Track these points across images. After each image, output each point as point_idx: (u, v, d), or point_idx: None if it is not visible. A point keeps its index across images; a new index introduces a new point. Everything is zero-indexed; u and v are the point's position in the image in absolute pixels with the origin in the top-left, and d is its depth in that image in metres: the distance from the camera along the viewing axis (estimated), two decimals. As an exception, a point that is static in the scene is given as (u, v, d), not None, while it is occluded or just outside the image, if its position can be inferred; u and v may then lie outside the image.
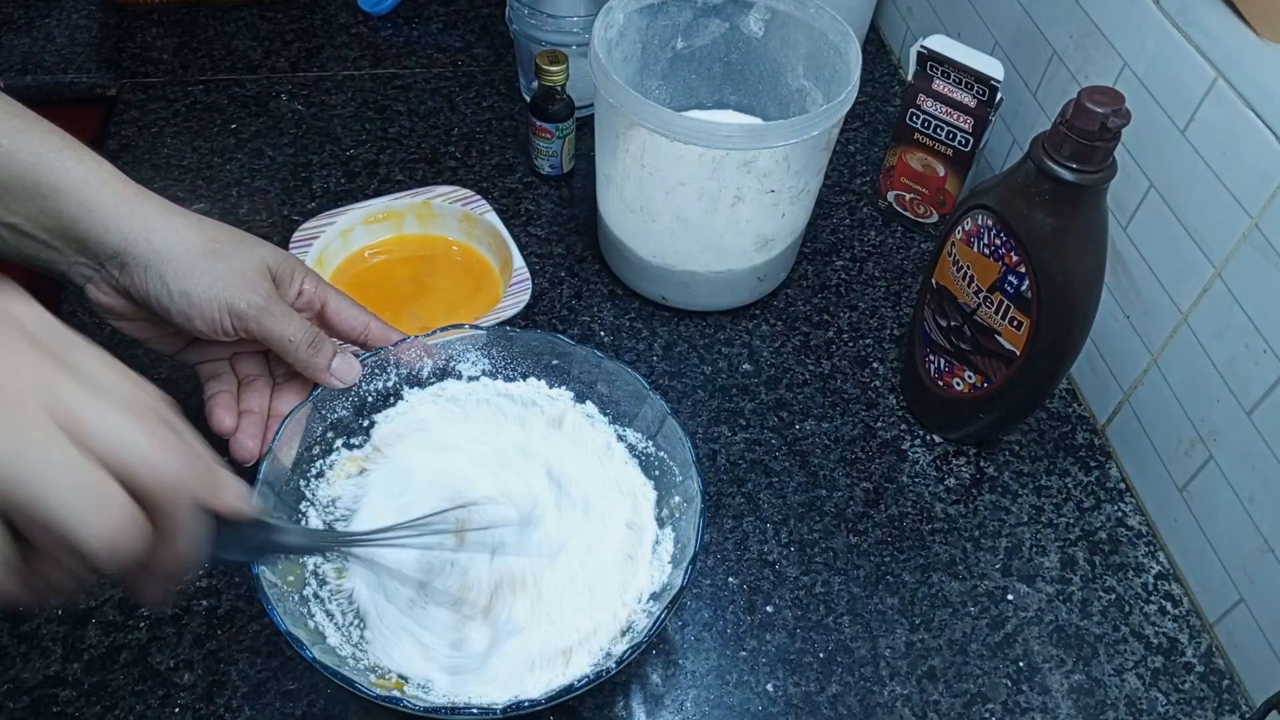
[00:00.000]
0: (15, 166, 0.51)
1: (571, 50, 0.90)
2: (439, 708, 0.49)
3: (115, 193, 0.54)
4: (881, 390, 0.78)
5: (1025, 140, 0.86)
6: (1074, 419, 0.78)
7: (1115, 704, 0.62)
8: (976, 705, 0.61)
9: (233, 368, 0.62)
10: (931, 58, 0.80)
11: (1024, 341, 0.65)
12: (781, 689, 0.61)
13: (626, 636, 0.54)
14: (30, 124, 0.53)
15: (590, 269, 0.85)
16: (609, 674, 0.50)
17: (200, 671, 0.58)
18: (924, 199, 0.89)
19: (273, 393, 0.63)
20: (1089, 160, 0.57)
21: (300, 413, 0.58)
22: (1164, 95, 0.68)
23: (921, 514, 0.71)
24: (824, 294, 0.85)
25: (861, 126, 1.02)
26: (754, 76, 0.86)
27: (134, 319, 0.58)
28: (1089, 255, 0.62)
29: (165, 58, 1.01)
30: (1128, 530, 0.72)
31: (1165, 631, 0.66)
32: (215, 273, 0.55)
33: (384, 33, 1.07)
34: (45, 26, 1.00)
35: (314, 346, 0.59)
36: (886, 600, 0.66)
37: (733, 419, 0.75)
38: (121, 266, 0.54)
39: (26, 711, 0.56)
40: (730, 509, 0.70)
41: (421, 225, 0.83)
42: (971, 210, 0.65)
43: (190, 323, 0.56)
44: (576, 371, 0.64)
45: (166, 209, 0.56)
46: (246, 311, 0.56)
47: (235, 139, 0.93)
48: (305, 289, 0.61)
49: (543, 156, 0.91)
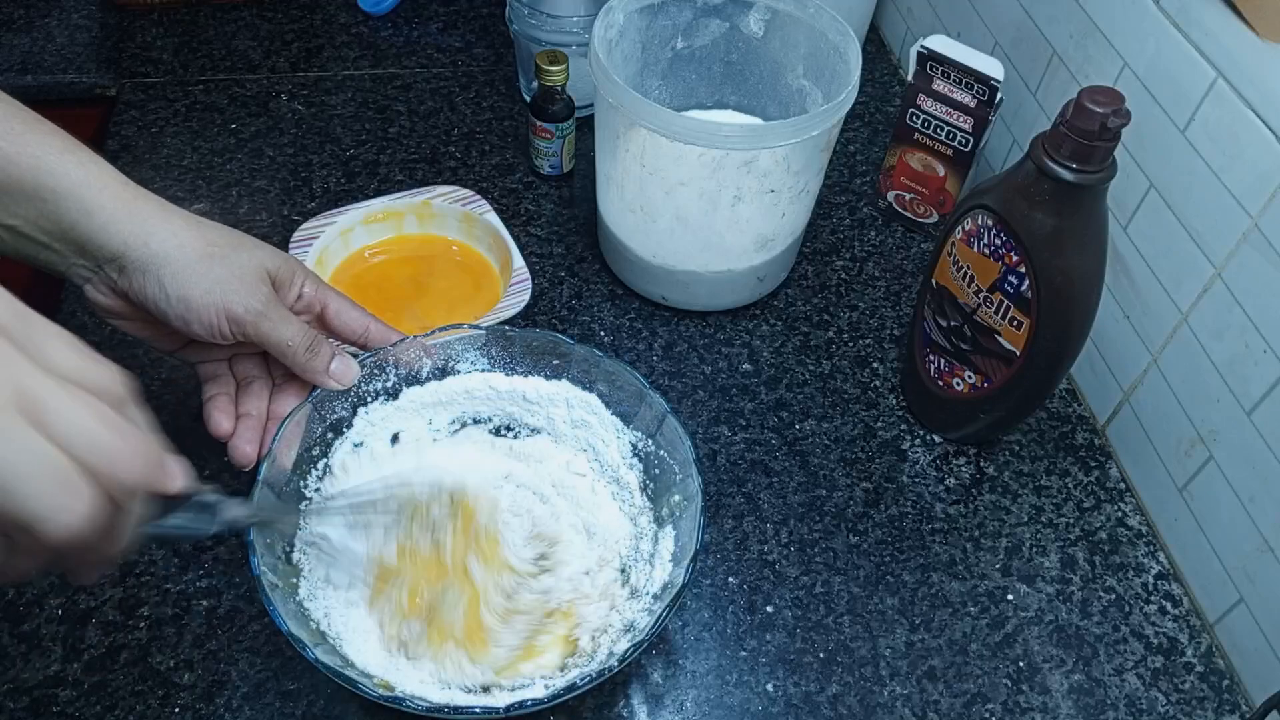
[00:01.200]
0: (15, 170, 0.51)
1: (571, 50, 0.90)
2: (440, 707, 0.49)
3: (114, 196, 0.54)
4: (881, 390, 0.78)
5: (1025, 140, 0.86)
6: (1074, 419, 0.78)
7: (1115, 704, 0.62)
8: (976, 705, 0.61)
9: (231, 369, 0.62)
10: (931, 58, 0.80)
11: (1024, 341, 0.65)
12: (781, 689, 0.61)
13: (628, 635, 0.54)
14: (31, 126, 0.53)
15: (590, 269, 0.85)
16: (611, 672, 0.50)
17: (200, 671, 0.58)
18: (924, 199, 0.89)
19: (272, 394, 0.63)
20: (1089, 160, 0.57)
21: (300, 414, 0.58)
22: (1164, 95, 0.68)
23: (921, 514, 0.71)
24: (824, 294, 0.85)
25: (861, 126, 1.02)
26: (754, 76, 0.86)
27: (133, 319, 0.58)
28: (1089, 255, 0.62)
29: (165, 58, 1.01)
30: (1128, 530, 0.72)
31: (1165, 631, 0.66)
32: (213, 277, 0.55)
33: (384, 33, 1.07)
34: (45, 26, 1.00)
35: (311, 350, 0.59)
36: (886, 600, 0.66)
37: (733, 419, 0.75)
38: (120, 269, 0.54)
39: (26, 711, 0.56)
40: (730, 509, 0.70)
41: (421, 225, 0.83)
42: (971, 210, 0.65)
43: (187, 326, 0.56)
44: (576, 371, 0.64)
45: (166, 212, 0.56)
46: (243, 316, 0.56)
47: (235, 139, 0.93)
48: (305, 292, 0.61)
49: (543, 156, 0.91)
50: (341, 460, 0.61)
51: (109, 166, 0.55)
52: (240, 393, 0.62)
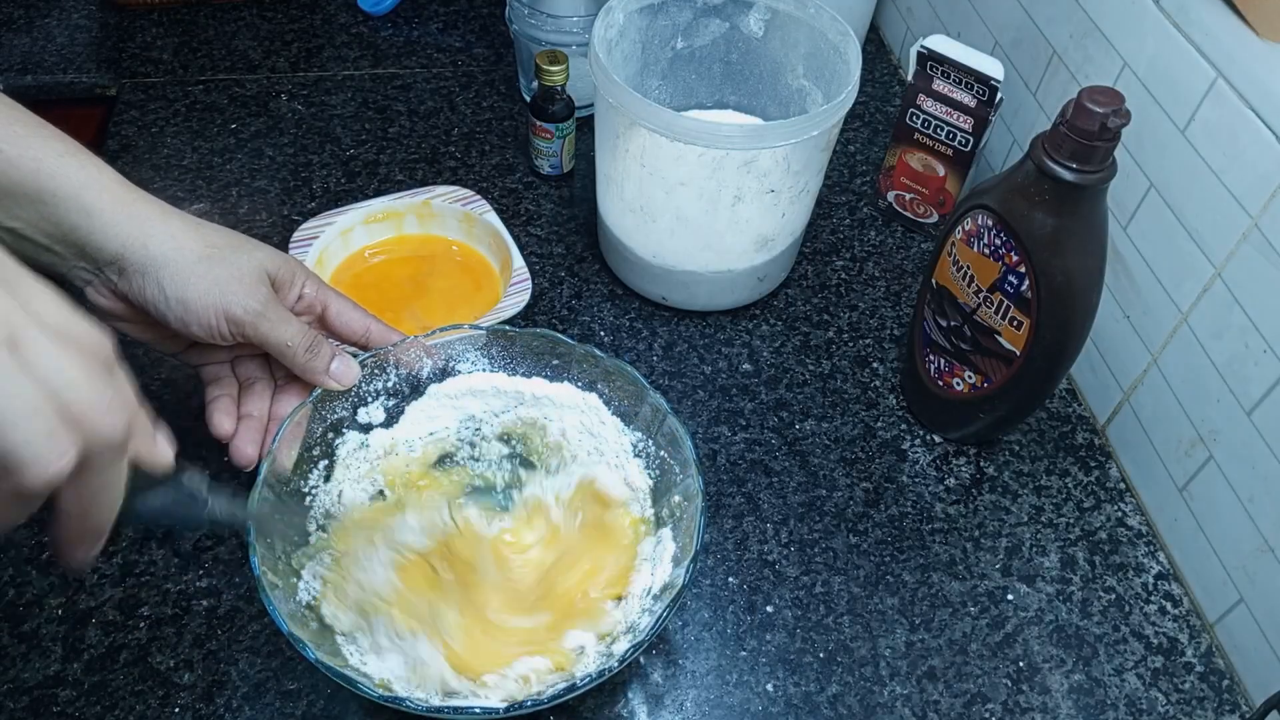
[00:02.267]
0: (15, 173, 0.51)
1: (571, 50, 0.90)
2: (441, 708, 0.49)
3: (114, 198, 0.54)
4: (881, 390, 0.78)
5: (1025, 140, 0.86)
6: (1074, 419, 0.78)
7: (1115, 704, 0.62)
8: (976, 705, 0.61)
9: (233, 370, 0.62)
10: (931, 58, 0.80)
11: (1024, 341, 0.65)
12: (781, 689, 0.61)
13: (628, 635, 0.54)
14: (32, 129, 0.53)
15: (590, 269, 0.85)
16: (611, 672, 0.50)
17: (200, 671, 0.58)
18: (924, 199, 0.89)
19: (274, 395, 0.63)
20: (1089, 160, 0.57)
21: (300, 414, 0.58)
22: (1164, 95, 0.68)
23: (921, 514, 0.71)
24: (824, 294, 0.85)
25: (861, 126, 1.02)
26: (754, 76, 0.86)
27: (134, 321, 0.58)
28: (1089, 255, 0.62)
29: (165, 58, 1.01)
30: (1128, 530, 0.72)
31: (1165, 631, 0.66)
32: (212, 278, 0.55)
33: (384, 33, 1.07)
34: (45, 26, 1.00)
35: (311, 350, 0.59)
36: (886, 600, 0.66)
37: (733, 419, 0.75)
38: (120, 272, 0.55)
39: (26, 711, 0.56)
40: (730, 509, 0.70)
41: (421, 225, 0.83)
42: (971, 210, 0.65)
43: (187, 328, 0.56)
44: (576, 370, 0.64)
45: (165, 214, 0.56)
46: (243, 318, 0.56)
47: (235, 139, 0.93)
48: (306, 293, 0.61)
49: (543, 156, 0.91)
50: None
51: (109, 169, 0.55)
52: (242, 394, 0.62)
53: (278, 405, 0.62)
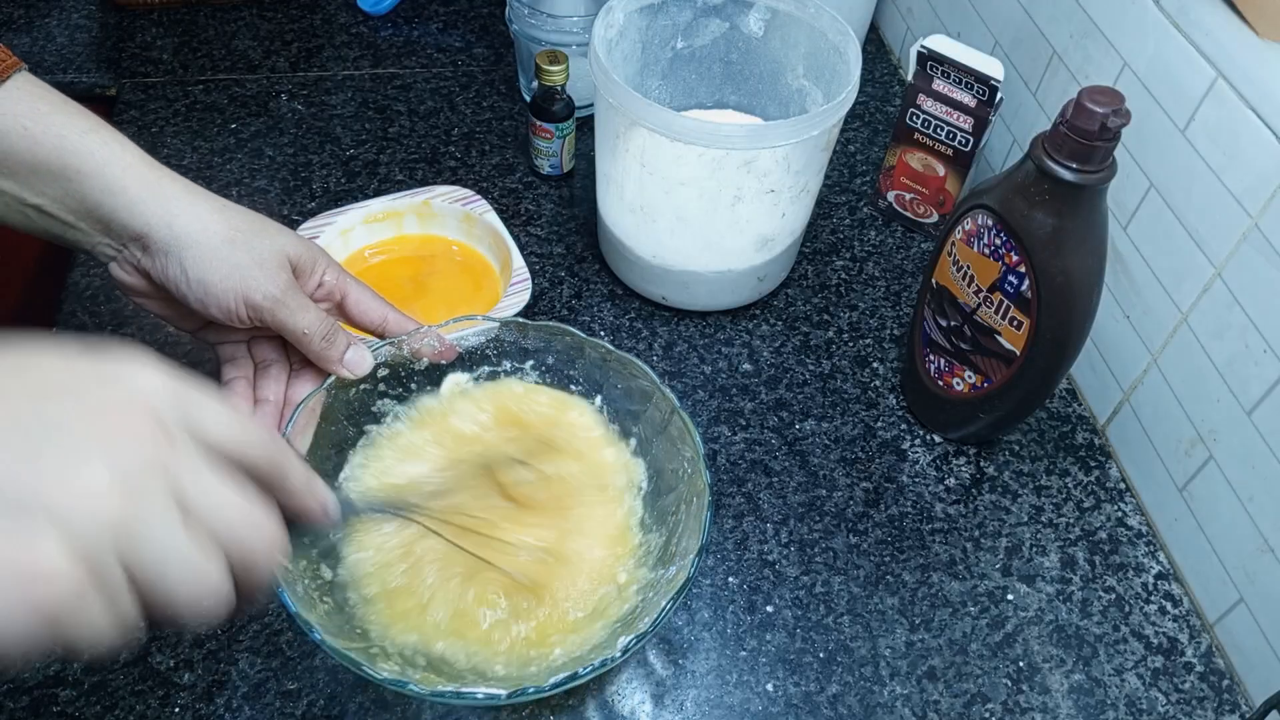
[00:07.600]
0: (40, 150, 0.52)
1: (571, 50, 0.90)
2: (444, 692, 0.49)
3: (139, 176, 0.54)
4: (881, 390, 0.78)
5: (1025, 140, 0.86)
6: (1074, 419, 0.78)
7: (1115, 704, 0.62)
8: (976, 705, 0.61)
9: (250, 351, 0.63)
10: (931, 58, 0.80)
11: (1024, 341, 0.65)
12: (781, 689, 0.61)
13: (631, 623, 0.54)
14: (56, 106, 0.53)
15: (590, 269, 0.85)
16: (613, 663, 0.50)
17: (200, 671, 0.58)
18: (924, 199, 0.89)
19: (289, 378, 0.63)
20: (1089, 160, 0.57)
21: (314, 400, 0.58)
22: (1164, 95, 0.68)
23: (921, 514, 0.71)
24: (824, 294, 0.85)
25: (861, 126, 1.02)
26: (754, 76, 0.86)
27: (155, 298, 0.58)
28: (1089, 255, 0.62)
29: (165, 58, 1.01)
30: (1128, 530, 0.72)
31: (1165, 631, 0.66)
32: (233, 262, 0.55)
33: (384, 33, 1.07)
34: (45, 26, 1.00)
35: (328, 339, 0.59)
36: (886, 600, 0.66)
37: (733, 419, 0.75)
38: (144, 249, 0.55)
39: (26, 711, 0.56)
40: (730, 509, 0.70)
41: (421, 225, 0.83)
42: (971, 210, 0.65)
43: (206, 310, 0.56)
44: (585, 364, 0.64)
45: (191, 193, 0.56)
46: (261, 303, 0.56)
47: (235, 139, 0.93)
48: (326, 280, 0.61)
49: (543, 156, 0.91)
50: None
51: (134, 147, 0.55)
52: (258, 376, 0.62)
53: (293, 389, 0.62)
